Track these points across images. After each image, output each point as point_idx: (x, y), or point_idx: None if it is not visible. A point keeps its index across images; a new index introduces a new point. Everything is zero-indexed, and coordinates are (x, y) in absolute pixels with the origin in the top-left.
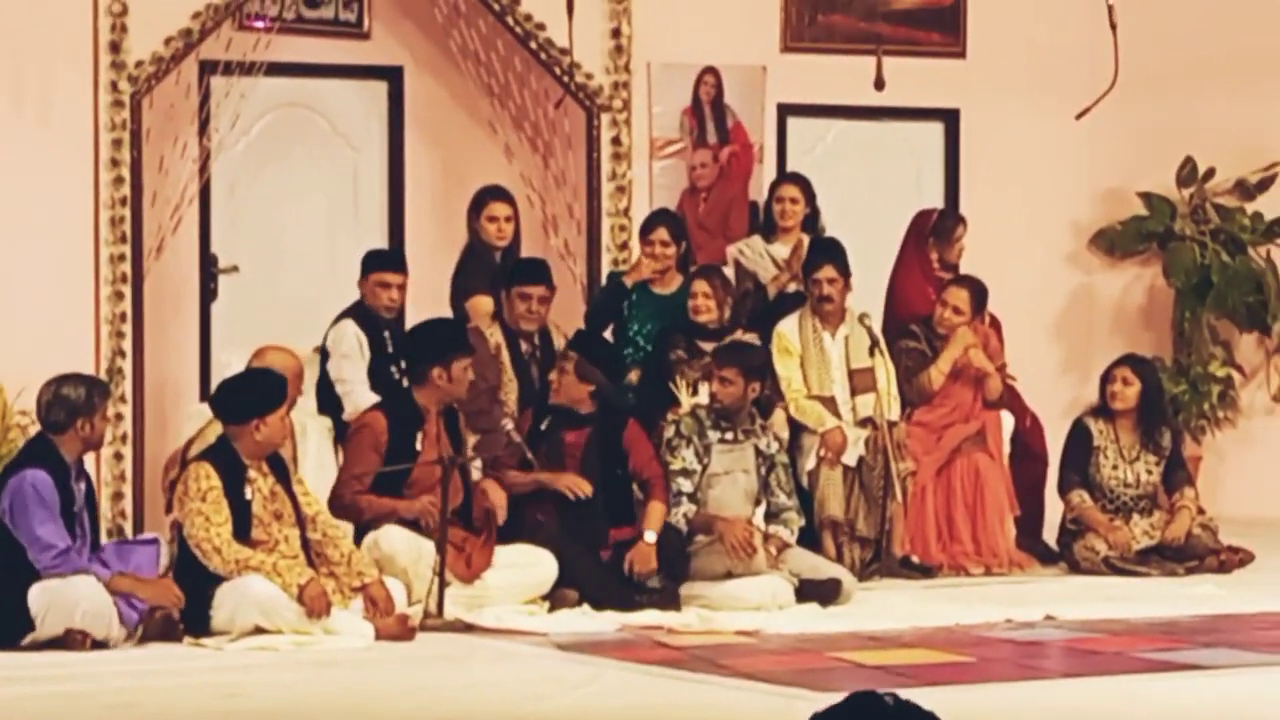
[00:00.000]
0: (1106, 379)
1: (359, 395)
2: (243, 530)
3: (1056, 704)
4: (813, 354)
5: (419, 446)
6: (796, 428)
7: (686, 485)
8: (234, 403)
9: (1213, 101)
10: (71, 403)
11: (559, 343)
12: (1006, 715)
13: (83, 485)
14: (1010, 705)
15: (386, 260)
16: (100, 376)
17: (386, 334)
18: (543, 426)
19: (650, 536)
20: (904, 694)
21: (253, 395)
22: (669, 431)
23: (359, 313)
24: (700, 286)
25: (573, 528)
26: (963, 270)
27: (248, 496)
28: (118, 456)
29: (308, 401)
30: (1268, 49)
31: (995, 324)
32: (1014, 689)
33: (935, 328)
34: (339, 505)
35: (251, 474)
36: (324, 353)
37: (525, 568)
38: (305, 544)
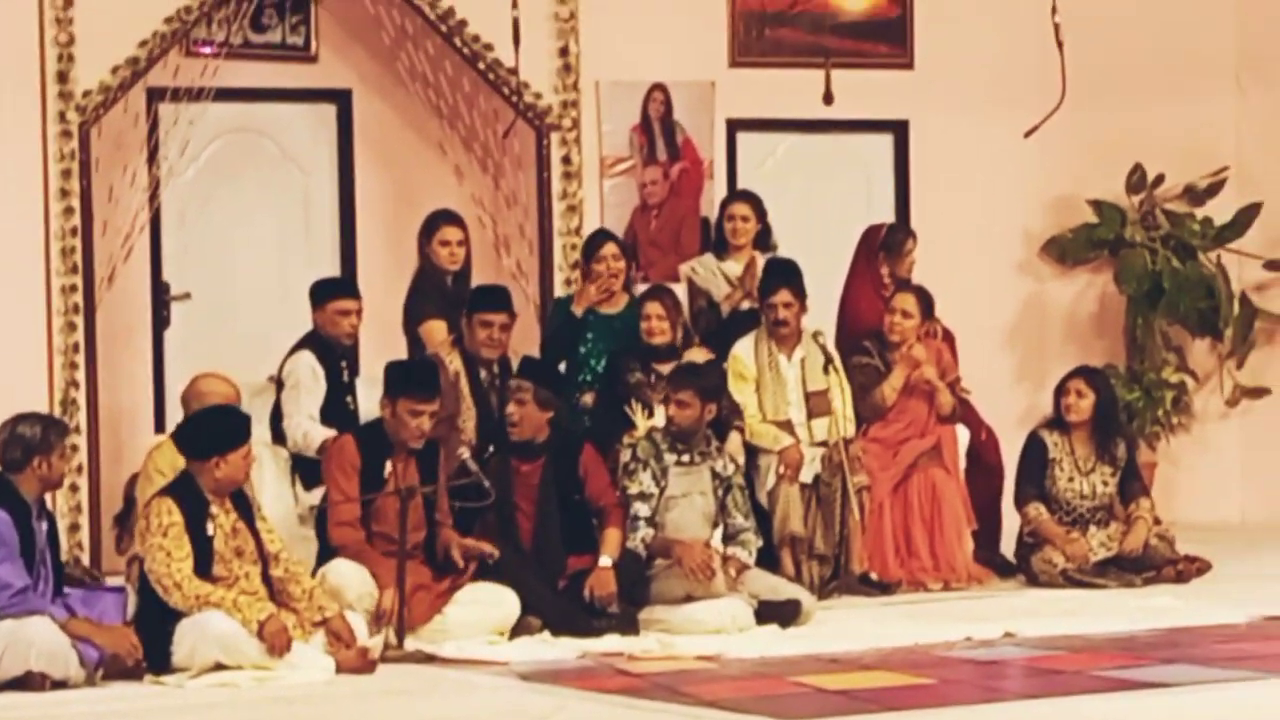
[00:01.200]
0: (1060, 391)
1: (300, 428)
2: (204, 566)
3: None
4: (768, 378)
5: (386, 476)
6: (753, 449)
7: (644, 509)
8: (195, 439)
9: (1160, 108)
10: (28, 441)
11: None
12: None
13: (44, 524)
14: None
15: (343, 288)
16: (56, 415)
17: (343, 363)
18: (487, 455)
19: (606, 561)
20: None
21: (214, 432)
22: (625, 455)
23: (315, 342)
24: (653, 308)
25: (529, 557)
26: (915, 281)
27: (209, 533)
28: (74, 488)
29: (261, 431)
30: (1211, 55)
31: (949, 337)
32: (975, 712)
33: (886, 336)
34: (330, 539)
35: (214, 510)
36: (279, 382)
37: (488, 605)
38: (267, 580)
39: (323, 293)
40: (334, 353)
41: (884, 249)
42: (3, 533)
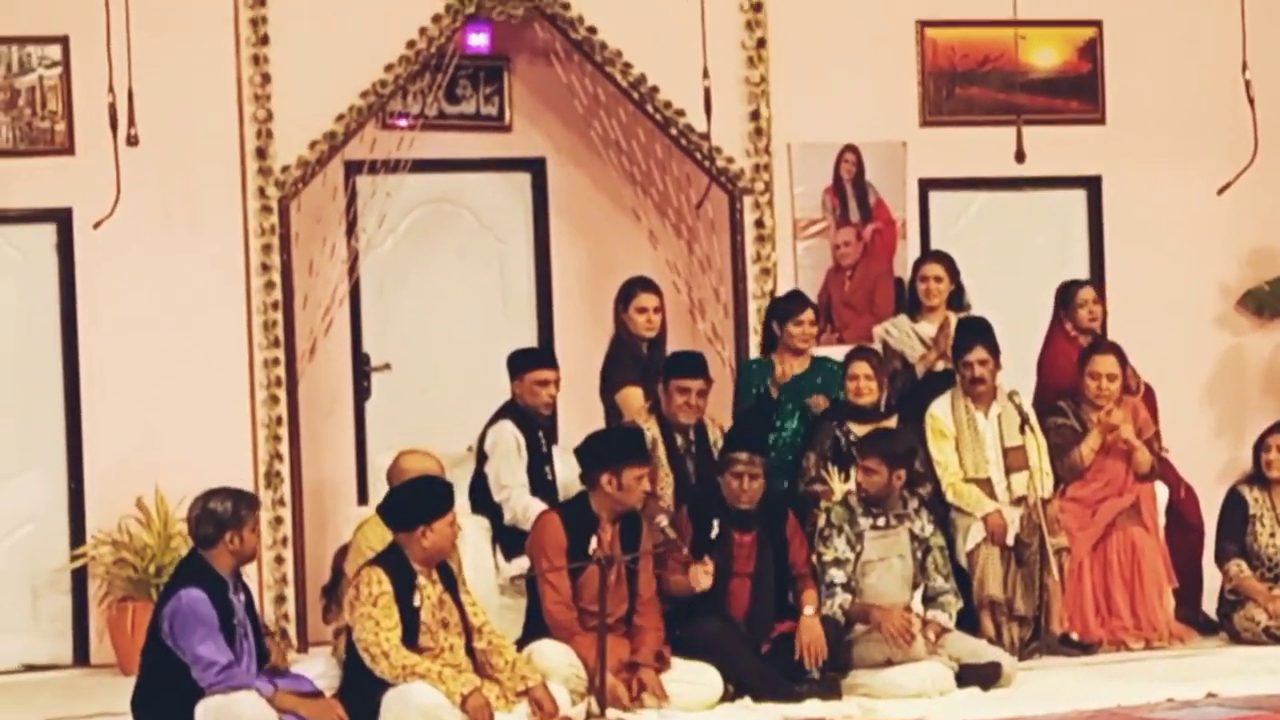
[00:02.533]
0: (1260, 447)
1: (519, 500)
2: (410, 637)
3: None
4: (967, 435)
5: (591, 551)
6: (948, 507)
7: (839, 575)
8: (400, 510)
9: None
10: (219, 517)
11: (714, 435)
12: None
13: (242, 597)
14: None
15: (541, 358)
16: (247, 490)
17: (541, 433)
18: (714, 534)
19: (810, 610)
20: None
21: (418, 502)
22: (821, 520)
23: (515, 412)
24: (861, 369)
25: (739, 625)
26: (1112, 337)
27: (416, 604)
28: (279, 559)
29: (461, 501)
30: None
31: (1149, 394)
32: None
33: (1093, 401)
34: (545, 616)
35: (421, 581)
36: (480, 453)
37: (690, 685)
38: (471, 652)
39: (521, 363)
40: (533, 422)
41: (1060, 302)
42: (201, 611)
